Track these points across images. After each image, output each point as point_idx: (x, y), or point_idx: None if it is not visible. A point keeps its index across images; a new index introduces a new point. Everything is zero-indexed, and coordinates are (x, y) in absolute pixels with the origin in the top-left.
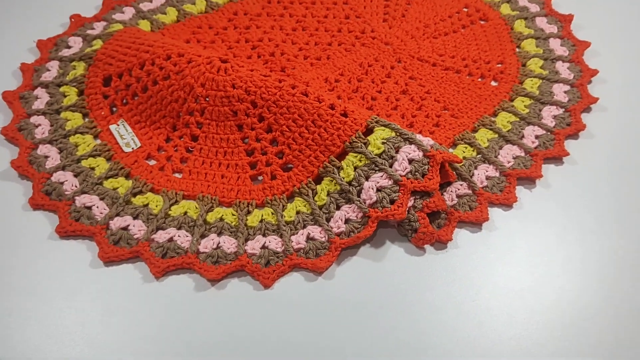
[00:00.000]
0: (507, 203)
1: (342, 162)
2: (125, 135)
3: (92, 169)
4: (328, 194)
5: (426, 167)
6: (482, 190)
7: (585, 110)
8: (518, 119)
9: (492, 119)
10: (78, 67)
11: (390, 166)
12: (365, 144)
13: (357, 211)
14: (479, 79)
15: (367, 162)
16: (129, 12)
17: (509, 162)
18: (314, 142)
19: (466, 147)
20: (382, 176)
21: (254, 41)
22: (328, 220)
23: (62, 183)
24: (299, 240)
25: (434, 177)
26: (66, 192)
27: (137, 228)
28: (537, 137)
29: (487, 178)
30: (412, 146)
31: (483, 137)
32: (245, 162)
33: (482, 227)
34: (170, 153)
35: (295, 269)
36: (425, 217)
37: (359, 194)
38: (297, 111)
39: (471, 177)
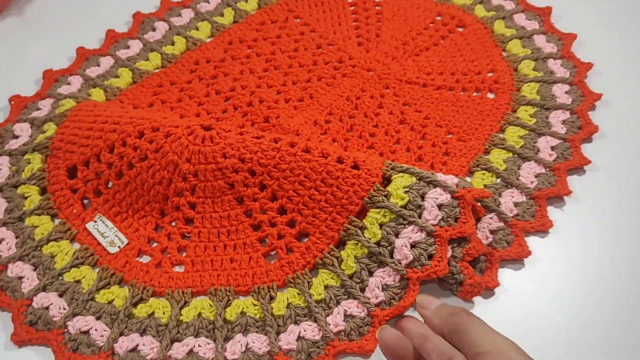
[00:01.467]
0: (543, 229)
1: (364, 220)
2: (107, 233)
3: (78, 282)
4: (356, 260)
5: (457, 209)
6: (514, 220)
7: (590, 108)
8: (528, 132)
9: (501, 136)
10: (33, 160)
11: (419, 216)
12: (386, 196)
13: (394, 274)
14: (475, 94)
15: (393, 217)
16: (76, 82)
17: (532, 182)
18: (328, 203)
19: (484, 174)
20: (413, 230)
21: (225, 92)
22: (363, 290)
23: (47, 308)
24: (336, 321)
25: (468, 219)
26: (54, 319)
27: (149, 347)
28: (552, 148)
29: (516, 205)
30: (438, 189)
31: (498, 158)
32: (254, 238)
33: (524, 261)
34: (165, 244)
35: (339, 357)
36: (468, 266)
37: (391, 254)
38: (303, 172)
39: (499, 207)
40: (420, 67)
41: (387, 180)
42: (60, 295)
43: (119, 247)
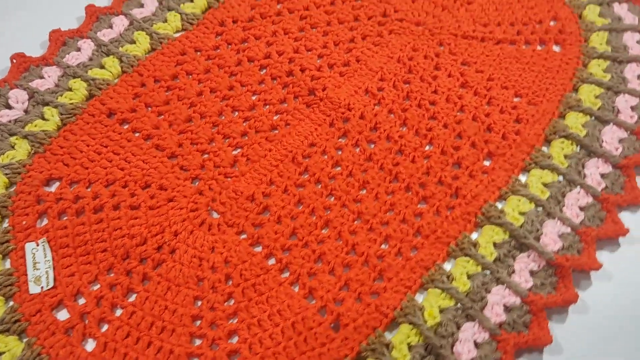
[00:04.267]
0: (636, 202)
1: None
2: (40, 264)
3: None
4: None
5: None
6: (604, 193)
7: None
8: (604, 90)
9: (576, 96)
10: (19, 147)
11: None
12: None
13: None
14: (539, 47)
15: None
16: (87, 48)
17: (617, 148)
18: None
19: (563, 142)
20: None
21: (259, 59)
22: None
23: None
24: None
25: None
26: None
27: None
28: (633, 108)
29: (603, 176)
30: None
31: (576, 123)
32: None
33: (620, 240)
34: (90, 307)
35: None
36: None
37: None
38: (279, 304)
39: (584, 179)
40: (475, 18)
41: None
42: None
43: (41, 288)
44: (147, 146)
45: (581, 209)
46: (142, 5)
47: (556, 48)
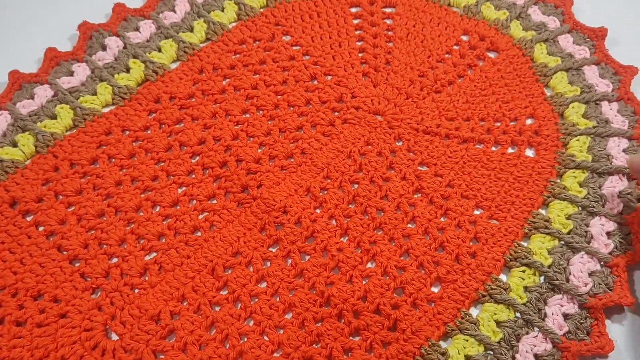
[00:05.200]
0: (601, 353)
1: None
2: None
3: None
4: None
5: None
6: (565, 339)
7: None
8: (577, 209)
9: (545, 215)
10: None
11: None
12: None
13: None
14: (510, 149)
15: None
16: (2, 122)
17: (586, 284)
18: None
19: (524, 271)
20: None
21: (192, 144)
22: None
23: None
24: None
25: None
26: None
27: None
28: (609, 234)
29: (567, 317)
30: None
31: (542, 248)
32: None
33: None
34: None
35: None
36: None
37: None
38: None
39: (544, 319)
40: (442, 110)
41: None
42: None
43: None
44: (47, 245)
45: (537, 357)
46: (71, 74)
47: (530, 152)
